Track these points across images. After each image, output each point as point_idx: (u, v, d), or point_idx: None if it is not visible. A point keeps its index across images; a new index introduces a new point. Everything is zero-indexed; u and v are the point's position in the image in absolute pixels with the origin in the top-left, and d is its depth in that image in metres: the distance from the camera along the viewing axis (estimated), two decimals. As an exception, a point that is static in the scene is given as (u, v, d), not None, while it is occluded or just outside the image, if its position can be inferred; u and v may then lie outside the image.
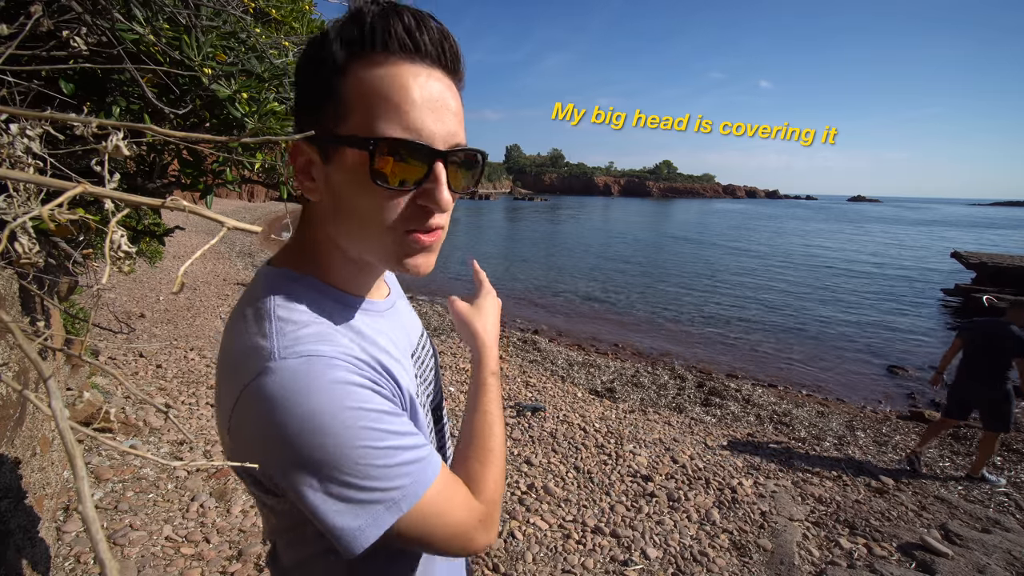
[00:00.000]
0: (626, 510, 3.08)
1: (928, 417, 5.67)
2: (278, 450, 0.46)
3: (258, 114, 1.38)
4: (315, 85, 0.51)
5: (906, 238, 35.79)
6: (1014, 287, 12.09)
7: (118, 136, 0.52)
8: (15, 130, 0.58)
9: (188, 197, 1.38)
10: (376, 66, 0.48)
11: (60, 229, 0.76)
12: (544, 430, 4.15)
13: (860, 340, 9.27)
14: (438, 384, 0.78)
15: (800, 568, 2.67)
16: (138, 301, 7.08)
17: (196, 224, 15.57)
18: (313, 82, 0.51)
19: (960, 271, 14.87)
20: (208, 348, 5.26)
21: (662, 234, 33.10)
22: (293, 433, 0.45)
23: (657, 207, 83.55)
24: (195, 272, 9.91)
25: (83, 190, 0.32)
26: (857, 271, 18.56)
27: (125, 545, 2.25)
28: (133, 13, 1.12)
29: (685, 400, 5.71)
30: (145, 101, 1.21)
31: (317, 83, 0.50)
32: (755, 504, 3.26)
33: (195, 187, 1.53)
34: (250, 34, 1.41)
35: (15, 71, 0.92)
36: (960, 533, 3.12)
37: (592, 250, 22.97)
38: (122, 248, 0.45)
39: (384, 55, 0.49)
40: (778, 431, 4.96)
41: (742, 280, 15.64)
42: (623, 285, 14.25)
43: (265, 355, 0.48)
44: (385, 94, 0.48)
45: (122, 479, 2.70)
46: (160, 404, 1.12)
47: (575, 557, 2.60)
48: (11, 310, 1.38)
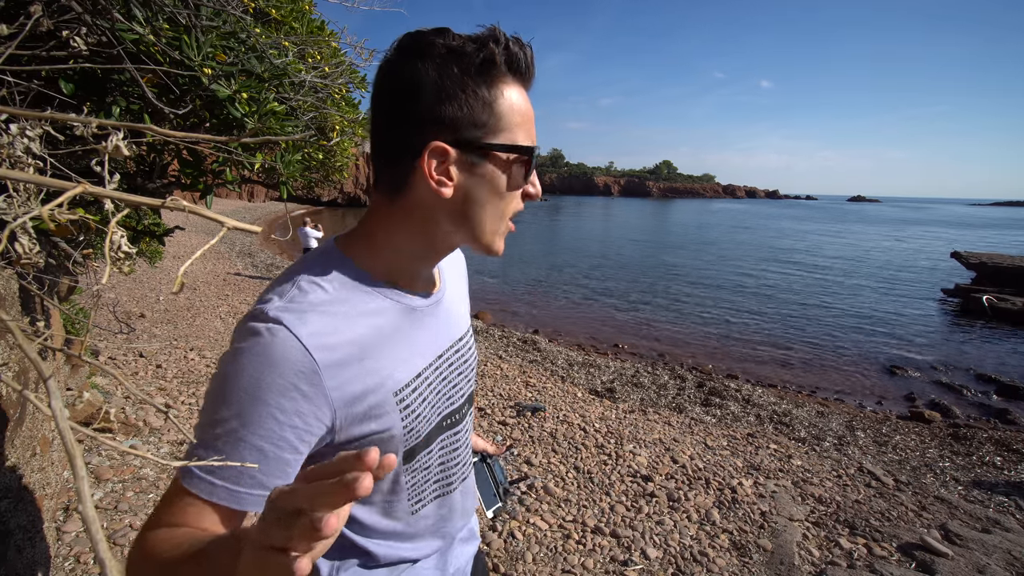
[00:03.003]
0: (626, 510, 3.08)
1: (928, 417, 5.67)
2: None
3: (258, 114, 1.38)
4: (468, 99, 0.58)
5: (906, 238, 35.78)
6: (1014, 287, 12.10)
7: (118, 136, 0.52)
8: (15, 130, 0.58)
9: (188, 197, 1.38)
10: (513, 87, 0.61)
11: (60, 229, 0.76)
12: (544, 430, 4.15)
13: (860, 340, 9.27)
14: (466, 387, 0.79)
15: (800, 568, 2.67)
16: (138, 301, 7.08)
17: (196, 224, 15.57)
18: (464, 97, 0.58)
19: (960, 271, 14.87)
20: (208, 348, 5.26)
21: (662, 234, 33.09)
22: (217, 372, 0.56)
23: (657, 207, 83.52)
24: (195, 272, 9.91)
25: (83, 190, 0.32)
26: (857, 271, 18.55)
27: (125, 545, 2.25)
28: (133, 13, 1.12)
29: (685, 400, 5.71)
30: (145, 101, 1.21)
31: (470, 97, 0.58)
32: (755, 504, 3.26)
33: (195, 187, 1.53)
34: (250, 34, 1.41)
35: (15, 71, 0.92)
36: (960, 533, 3.12)
37: (592, 250, 22.96)
38: (122, 248, 0.45)
39: (517, 78, 0.61)
40: (778, 431, 4.96)
41: (742, 280, 15.63)
42: (623, 285, 14.24)
43: (261, 308, 0.58)
44: (522, 111, 0.61)
45: (122, 479, 2.70)
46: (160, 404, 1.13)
47: (575, 557, 2.60)
48: (11, 310, 1.38)
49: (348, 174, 2.84)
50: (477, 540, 0.92)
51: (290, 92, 1.61)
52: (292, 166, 1.66)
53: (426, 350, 0.70)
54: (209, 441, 0.54)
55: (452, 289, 0.80)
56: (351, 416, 0.60)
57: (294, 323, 0.56)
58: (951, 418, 5.80)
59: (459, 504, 0.81)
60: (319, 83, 1.74)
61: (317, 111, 1.85)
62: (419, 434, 0.69)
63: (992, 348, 9.04)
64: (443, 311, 0.75)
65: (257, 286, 9.49)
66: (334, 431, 0.59)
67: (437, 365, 0.72)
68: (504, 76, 0.59)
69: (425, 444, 0.71)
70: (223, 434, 0.53)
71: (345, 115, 2.06)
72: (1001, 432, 5.21)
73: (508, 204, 0.64)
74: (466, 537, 0.88)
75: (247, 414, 0.53)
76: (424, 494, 0.75)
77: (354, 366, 0.59)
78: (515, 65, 0.59)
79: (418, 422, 0.68)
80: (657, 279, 15.41)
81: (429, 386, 0.70)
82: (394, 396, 0.64)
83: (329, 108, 1.90)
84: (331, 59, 1.91)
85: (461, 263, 0.90)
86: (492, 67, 0.58)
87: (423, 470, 0.73)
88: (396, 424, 0.64)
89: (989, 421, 5.78)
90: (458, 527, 0.83)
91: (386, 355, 0.63)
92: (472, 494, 0.88)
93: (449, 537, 0.81)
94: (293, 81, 1.62)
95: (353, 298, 0.62)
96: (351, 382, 0.59)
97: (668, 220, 49.52)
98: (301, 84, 1.66)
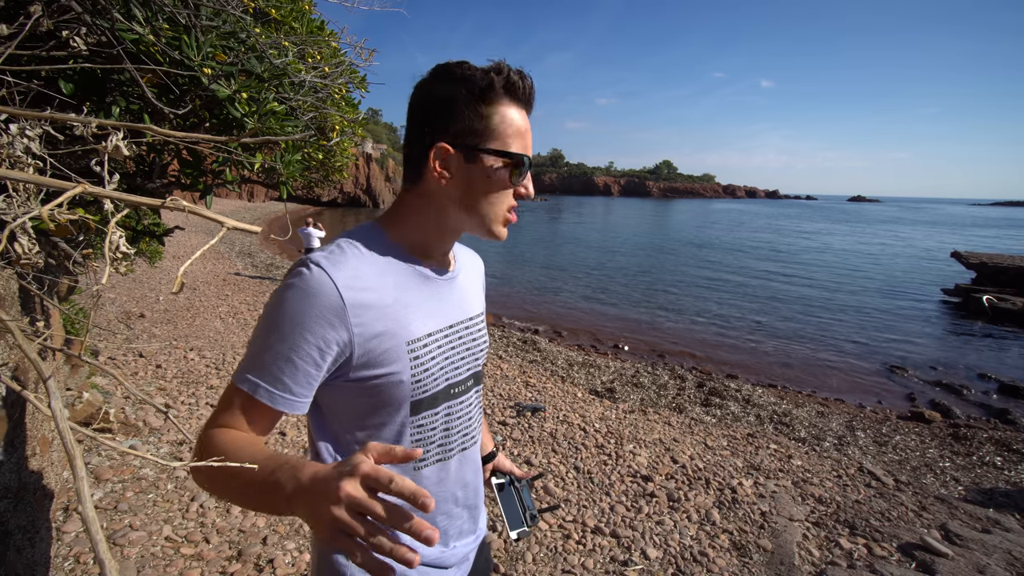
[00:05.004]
0: (626, 510, 3.08)
1: (928, 417, 5.67)
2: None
3: (258, 114, 1.38)
4: (468, 113, 0.74)
5: (906, 238, 35.77)
6: (1014, 287, 12.10)
7: (118, 136, 0.52)
8: (15, 130, 0.58)
9: (188, 197, 1.38)
10: (510, 107, 0.76)
11: (60, 229, 0.76)
12: (544, 430, 4.15)
13: (860, 340, 9.27)
14: (472, 363, 0.89)
15: (800, 568, 2.67)
16: (138, 301, 7.08)
17: (196, 224, 15.57)
18: (466, 111, 0.74)
19: (960, 271, 14.87)
20: (208, 348, 5.26)
21: (662, 234, 33.08)
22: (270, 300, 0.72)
23: (657, 207, 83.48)
24: (195, 272, 9.91)
25: (83, 190, 0.32)
26: (857, 271, 18.55)
27: (125, 545, 2.25)
28: (133, 13, 1.12)
29: (685, 400, 5.71)
30: (145, 101, 1.21)
31: (470, 112, 0.74)
32: (755, 504, 3.26)
33: (195, 187, 1.53)
34: (250, 34, 1.41)
35: (15, 71, 0.92)
36: (960, 533, 3.12)
37: (592, 250, 22.96)
38: (121, 249, 0.45)
39: (515, 101, 0.76)
40: (778, 431, 4.96)
41: (742, 280, 15.63)
42: (623, 285, 14.24)
43: (308, 256, 0.73)
44: (515, 127, 0.76)
45: (122, 479, 2.70)
46: (160, 404, 1.13)
47: (575, 557, 2.60)
48: (11, 310, 1.38)
49: (348, 174, 2.84)
50: (483, 531, 1.00)
51: (290, 92, 1.61)
52: (292, 166, 1.66)
53: (439, 316, 0.82)
54: (256, 351, 0.70)
55: (466, 274, 0.94)
56: (369, 352, 0.72)
57: (331, 268, 0.70)
58: (951, 418, 5.80)
59: (455, 472, 0.89)
60: (319, 83, 1.74)
61: (317, 111, 1.85)
62: (426, 389, 0.79)
63: (992, 348, 9.05)
64: (457, 288, 0.88)
65: (257, 286, 9.48)
66: (351, 361, 0.72)
67: (447, 333, 0.83)
68: (501, 98, 0.75)
69: (431, 404, 0.81)
70: (267, 347, 0.69)
71: (345, 115, 2.06)
72: (1001, 432, 5.21)
73: (499, 197, 0.78)
74: (469, 529, 0.94)
75: (286, 333, 0.68)
76: (428, 454, 0.83)
77: (376, 310, 0.73)
78: (512, 90, 0.76)
79: (426, 376, 0.78)
80: (657, 279, 15.41)
81: (439, 347, 0.81)
82: (407, 345, 0.76)
83: (329, 108, 1.90)
84: (331, 59, 1.90)
85: (479, 263, 1.04)
86: (491, 91, 0.74)
87: (429, 429, 0.82)
88: (405, 371, 0.76)
89: (989, 421, 5.78)
90: (458, 498, 0.90)
91: (404, 309, 0.76)
92: (473, 470, 0.94)
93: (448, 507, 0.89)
94: (293, 81, 1.61)
95: (382, 259, 0.77)
96: (372, 323, 0.72)
97: (668, 220, 49.51)
98: (301, 84, 1.66)
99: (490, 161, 0.76)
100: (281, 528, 2.53)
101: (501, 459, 1.15)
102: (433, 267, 0.84)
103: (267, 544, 2.40)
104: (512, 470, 1.15)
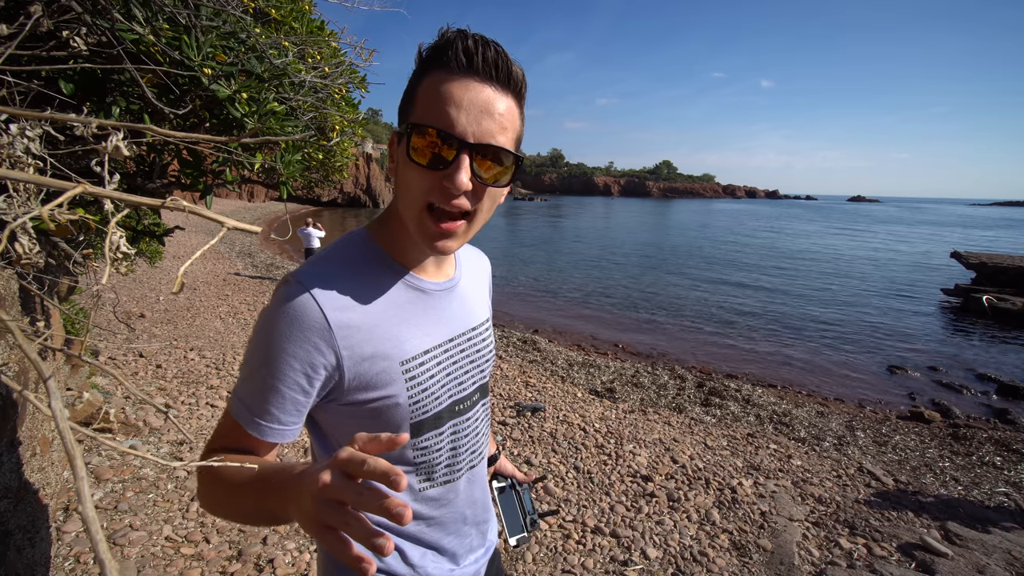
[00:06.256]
0: (626, 510, 3.08)
1: (928, 417, 5.67)
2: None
3: (258, 114, 1.38)
4: (407, 88, 0.66)
5: (906, 238, 35.75)
6: (1014, 287, 12.09)
7: (118, 136, 0.52)
8: (15, 130, 0.58)
9: (188, 197, 1.38)
10: (438, 77, 0.62)
11: (60, 229, 0.76)
12: (544, 430, 4.15)
13: (860, 340, 9.26)
14: (477, 376, 0.83)
15: (800, 568, 2.67)
16: (138, 301, 7.08)
17: (196, 224, 15.58)
18: (407, 87, 0.67)
19: (960, 271, 14.87)
20: (208, 348, 5.26)
21: (662, 234, 33.08)
22: (257, 324, 0.68)
23: (657, 207, 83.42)
24: (195, 272, 9.91)
25: (83, 190, 0.32)
26: (857, 271, 18.54)
27: (125, 545, 2.25)
28: (133, 13, 1.12)
29: (685, 400, 5.71)
30: (145, 101, 1.21)
31: (408, 87, 0.66)
32: (755, 504, 3.26)
33: (195, 187, 1.53)
34: (250, 34, 1.41)
35: (15, 71, 0.92)
36: (960, 533, 3.12)
37: (592, 250, 22.95)
38: (121, 249, 0.45)
39: (446, 71, 0.62)
40: (778, 431, 4.96)
41: (742, 280, 15.62)
42: (623, 285, 14.24)
43: (292, 274, 0.68)
44: (436, 96, 0.62)
45: (122, 479, 2.71)
46: (160, 404, 1.13)
47: (575, 557, 2.60)
48: (11, 310, 1.38)
49: (348, 174, 2.84)
50: (493, 543, 0.96)
51: (290, 92, 1.61)
52: (292, 166, 1.66)
53: (435, 331, 0.76)
54: (245, 379, 0.67)
55: (469, 279, 0.86)
56: (361, 375, 0.67)
57: (315, 287, 0.65)
58: (951, 418, 5.80)
59: (464, 492, 0.84)
60: (319, 83, 1.74)
61: (317, 111, 1.85)
62: (426, 409, 0.73)
63: (992, 348, 9.04)
64: (457, 297, 0.81)
65: (257, 286, 9.48)
66: (343, 384, 0.67)
67: (447, 347, 0.77)
68: (429, 67, 0.64)
69: (435, 424, 0.76)
70: (254, 372, 0.66)
71: (345, 115, 2.06)
72: (1001, 432, 5.21)
73: (418, 184, 0.64)
74: (479, 543, 0.90)
75: (271, 358, 0.64)
76: (434, 475, 0.78)
77: (365, 330, 0.67)
78: (438, 56, 0.63)
79: (425, 396, 0.73)
80: (657, 279, 15.41)
81: (438, 364, 0.75)
82: (400, 366, 0.70)
83: (329, 108, 1.90)
84: (331, 59, 1.90)
85: (484, 264, 0.96)
86: (421, 61, 0.65)
87: (435, 450, 0.77)
88: (401, 393, 0.70)
89: (989, 421, 5.78)
90: (467, 517, 0.85)
91: (396, 327, 0.70)
92: (481, 487, 0.90)
93: (457, 527, 0.84)
94: (293, 81, 1.62)
95: (371, 272, 0.71)
96: (362, 344, 0.67)
97: (668, 220, 49.50)
98: (301, 84, 1.66)
99: (404, 139, 0.64)
100: (281, 528, 2.53)
101: (503, 462, 1.12)
102: (427, 277, 0.76)
103: (267, 544, 2.40)
104: (514, 474, 1.13)
